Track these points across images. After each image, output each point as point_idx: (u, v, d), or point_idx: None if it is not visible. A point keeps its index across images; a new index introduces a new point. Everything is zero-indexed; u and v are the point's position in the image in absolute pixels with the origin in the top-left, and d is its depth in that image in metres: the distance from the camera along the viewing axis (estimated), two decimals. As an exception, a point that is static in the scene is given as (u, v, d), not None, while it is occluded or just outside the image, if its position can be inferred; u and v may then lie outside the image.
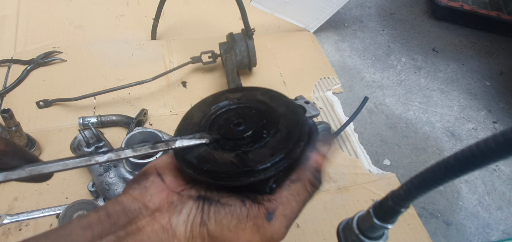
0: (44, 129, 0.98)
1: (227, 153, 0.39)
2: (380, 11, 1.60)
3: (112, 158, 0.35)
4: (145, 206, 0.37)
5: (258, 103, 0.46)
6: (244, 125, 0.42)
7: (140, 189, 0.38)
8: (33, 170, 0.34)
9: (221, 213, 0.36)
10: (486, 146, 0.27)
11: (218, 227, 0.35)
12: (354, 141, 1.06)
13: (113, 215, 0.36)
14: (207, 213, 0.36)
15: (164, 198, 0.37)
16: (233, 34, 1.09)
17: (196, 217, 0.36)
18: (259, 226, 0.35)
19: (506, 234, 0.91)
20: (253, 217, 0.35)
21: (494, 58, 1.42)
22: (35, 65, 1.12)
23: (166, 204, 0.37)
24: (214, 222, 0.36)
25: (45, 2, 1.36)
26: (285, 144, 0.39)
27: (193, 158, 0.39)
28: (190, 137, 0.39)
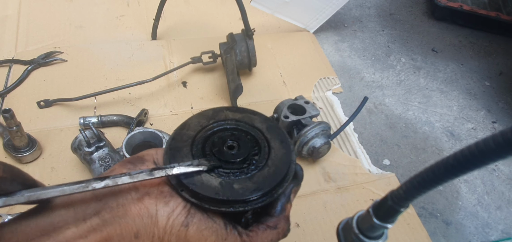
0: (45, 129, 0.98)
1: (213, 178, 0.40)
2: (379, 11, 1.60)
3: (109, 184, 0.36)
4: (136, 188, 0.37)
5: (254, 129, 0.46)
6: (236, 149, 0.43)
7: (136, 168, 0.39)
8: (31, 195, 0.34)
9: (204, 224, 0.38)
10: (485, 146, 0.27)
11: (197, 234, 0.37)
12: (354, 141, 1.07)
13: (100, 196, 0.36)
14: (192, 217, 0.38)
15: (155, 185, 0.38)
16: (233, 35, 1.10)
17: (180, 215, 0.37)
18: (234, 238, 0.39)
19: (505, 233, 0.92)
20: (232, 237, 0.39)
21: (493, 58, 1.43)
22: (36, 66, 1.12)
23: (156, 191, 0.38)
24: (195, 228, 0.37)
25: (46, 2, 1.36)
26: (270, 182, 0.40)
27: (181, 174, 0.39)
28: (188, 163, 0.40)
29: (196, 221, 0.38)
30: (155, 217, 0.36)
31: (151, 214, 0.36)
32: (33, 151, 0.89)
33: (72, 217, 0.34)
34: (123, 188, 0.37)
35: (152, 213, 0.36)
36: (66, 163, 0.91)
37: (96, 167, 0.82)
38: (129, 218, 0.35)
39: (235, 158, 0.42)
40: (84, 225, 0.34)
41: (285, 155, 0.44)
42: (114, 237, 0.34)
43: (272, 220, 0.42)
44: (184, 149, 0.42)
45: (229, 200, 0.38)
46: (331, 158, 1.00)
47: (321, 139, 0.91)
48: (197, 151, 0.43)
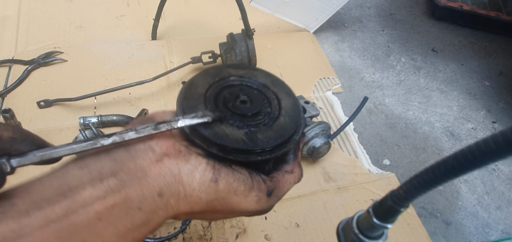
0: (45, 129, 0.98)
1: (236, 130, 0.40)
2: (379, 11, 1.60)
3: (116, 140, 0.35)
4: (152, 149, 0.36)
5: (260, 85, 0.47)
6: (249, 103, 0.44)
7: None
8: (44, 155, 0.35)
9: (232, 176, 0.38)
10: (485, 146, 0.27)
11: (227, 187, 0.38)
12: (354, 141, 1.07)
13: (114, 153, 0.35)
14: (218, 171, 0.38)
15: (171, 145, 0.37)
16: (233, 35, 1.10)
17: (206, 172, 0.37)
18: (260, 198, 0.40)
19: (505, 233, 0.92)
20: (257, 189, 0.40)
21: (493, 58, 1.43)
22: (36, 66, 1.12)
23: (174, 151, 0.37)
24: (225, 182, 0.38)
25: (46, 2, 1.36)
26: (289, 130, 0.42)
27: (204, 130, 0.39)
28: (193, 115, 0.39)
29: (224, 175, 0.38)
30: (179, 175, 0.36)
31: (174, 173, 0.36)
32: (33, 151, 0.89)
33: (87, 178, 0.33)
34: (139, 149, 0.36)
35: (174, 172, 0.36)
36: (66, 163, 0.91)
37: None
38: (149, 177, 0.34)
39: (250, 111, 0.42)
40: (101, 185, 0.33)
41: (294, 104, 0.46)
42: (134, 197, 0.34)
43: (289, 166, 0.44)
44: (199, 107, 0.41)
45: (256, 150, 0.39)
46: (331, 158, 1.00)
47: (321, 139, 0.91)
48: (211, 107, 0.42)
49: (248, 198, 0.39)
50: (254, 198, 0.40)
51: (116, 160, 0.35)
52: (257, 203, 0.40)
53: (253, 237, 0.83)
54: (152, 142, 0.37)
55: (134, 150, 0.36)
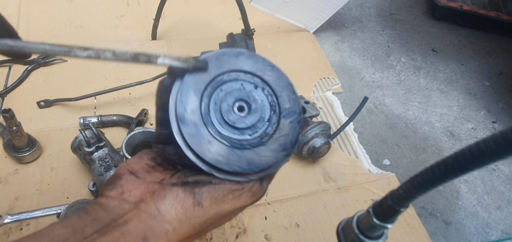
0: (45, 129, 0.98)
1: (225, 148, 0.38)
2: (379, 11, 1.60)
3: (91, 55, 0.35)
4: (126, 201, 0.36)
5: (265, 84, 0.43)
6: (247, 111, 0.40)
7: (116, 188, 0.38)
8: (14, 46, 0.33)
9: (215, 190, 0.37)
10: (485, 146, 0.27)
11: (214, 203, 0.37)
12: (354, 141, 1.07)
13: (93, 213, 0.36)
14: (199, 194, 0.37)
15: (144, 190, 0.37)
16: (233, 35, 1.10)
17: (186, 200, 0.36)
18: (254, 192, 0.39)
19: (505, 233, 0.92)
20: (248, 186, 0.39)
21: (493, 58, 1.43)
22: (36, 65, 1.12)
23: (148, 194, 0.37)
24: (209, 200, 0.37)
25: (46, 2, 1.36)
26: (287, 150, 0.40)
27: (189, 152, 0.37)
28: (174, 57, 0.38)
29: (206, 194, 0.37)
30: (160, 215, 0.36)
31: (153, 214, 0.36)
32: (33, 151, 0.89)
33: (71, 234, 0.34)
34: (114, 205, 0.36)
35: (153, 213, 0.36)
36: (66, 163, 0.91)
37: (96, 167, 0.82)
38: (130, 225, 0.35)
39: (246, 124, 0.39)
40: (83, 239, 0.33)
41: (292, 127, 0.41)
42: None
43: None
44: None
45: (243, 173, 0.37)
46: (331, 158, 1.00)
47: (321, 139, 0.91)
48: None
49: (242, 198, 0.39)
50: (248, 194, 0.39)
51: (96, 218, 0.35)
52: (253, 196, 0.40)
53: (253, 237, 0.83)
54: (124, 195, 0.37)
55: (110, 207, 0.36)
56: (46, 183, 0.87)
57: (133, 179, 0.39)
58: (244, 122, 0.39)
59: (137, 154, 0.42)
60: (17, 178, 0.87)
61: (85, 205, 0.79)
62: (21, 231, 0.78)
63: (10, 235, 0.78)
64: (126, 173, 0.39)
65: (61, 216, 0.78)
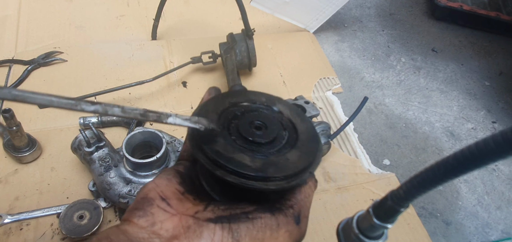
0: (45, 129, 0.98)
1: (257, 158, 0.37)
2: (379, 11, 1.60)
3: (98, 110, 0.32)
4: (157, 234, 0.33)
5: (276, 112, 0.46)
6: (264, 129, 0.41)
7: (146, 216, 0.34)
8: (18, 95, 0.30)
9: (254, 227, 0.35)
10: (485, 146, 0.27)
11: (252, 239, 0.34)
12: (354, 141, 1.07)
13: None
14: (237, 231, 0.34)
15: (177, 224, 0.34)
16: (233, 34, 1.10)
17: (224, 238, 0.33)
18: (291, 232, 0.36)
19: (505, 233, 0.92)
20: (284, 224, 0.36)
21: (493, 58, 1.43)
22: (36, 66, 1.12)
23: (182, 230, 0.34)
24: (248, 239, 0.34)
25: (46, 2, 1.36)
26: (309, 158, 0.40)
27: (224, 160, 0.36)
28: (185, 118, 0.36)
29: (244, 231, 0.34)
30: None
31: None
32: (33, 151, 0.89)
33: None
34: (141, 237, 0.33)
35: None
36: (66, 163, 0.91)
37: (96, 167, 0.82)
38: None
39: (264, 139, 0.40)
40: None
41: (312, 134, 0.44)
42: None
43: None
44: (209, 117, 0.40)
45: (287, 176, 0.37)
46: (331, 158, 1.00)
47: (321, 139, 0.91)
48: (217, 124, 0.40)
49: (279, 238, 0.36)
50: (285, 235, 0.36)
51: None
52: (290, 237, 0.37)
53: (253, 237, 0.83)
54: (155, 226, 0.34)
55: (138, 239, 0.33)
56: (46, 183, 0.87)
57: (165, 206, 0.35)
58: (263, 138, 0.40)
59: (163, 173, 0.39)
60: (17, 178, 0.87)
61: (85, 205, 0.79)
62: (21, 231, 0.78)
63: (10, 235, 0.78)
64: (157, 198, 0.36)
65: (61, 216, 0.78)
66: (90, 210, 0.79)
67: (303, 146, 0.41)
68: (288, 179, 0.37)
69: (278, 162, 0.38)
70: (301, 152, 0.40)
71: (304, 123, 0.44)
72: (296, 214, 0.37)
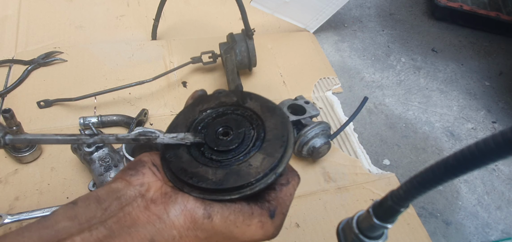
0: (45, 129, 0.98)
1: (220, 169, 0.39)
2: (379, 11, 1.60)
3: (96, 141, 0.38)
4: (141, 195, 0.36)
5: (247, 109, 0.45)
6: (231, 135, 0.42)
7: (138, 175, 0.38)
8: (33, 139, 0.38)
9: (227, 209, 0.37)
10: (485, 145, 0.27)
11: (224, 221, 0.37)
12: (354, 141, 1.07)
13: (103, 200, 0.35)
14: (210, 206, 0.37)
15: (158, 189, 0.38)
16: (233, 35, 1.10)
17: (196, 209, 0.36)
18: (264, 223, 0.38)
19: (505, 233, 0.92)
20: (258, 214, 0.38)
21: (493, 58, 1.43)
22: (36, 66, 1.12)
23: (160, 195, 0.37)
24: (220, 217, 0.36)
25: (46, 2, 1.36)
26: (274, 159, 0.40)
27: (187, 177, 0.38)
28: (173, 136, 0.40)
29: (217, 209, 0.37)
30: (169, 220, 0.35)
31: (163, 219, 0.35)
32: (33, 151, 0.89)
33: (76, 228, 0.33)
34: (130, 195, 0.36)
35: (163, 217, 0.35)
36: (66, 163, 0.91)
37: (96, 167, 0.82)
38: (139, 226, 0.34)
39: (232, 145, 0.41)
40: (89, 236, 0.33)
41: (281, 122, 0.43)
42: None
43: (282, 177, 0.42)
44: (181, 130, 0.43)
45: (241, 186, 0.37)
46: (331, 158, 1.00)
47: (321, 139, 0.91)
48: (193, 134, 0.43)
49: (251, 227, 0.38)
50: (258, 224, 0.38)
51: (106, 208, 0.35)
52: (262, 228, 0.38)
53: (253, 237, 0.83)
54: (143, 187, 0.37)
55: (124, 197, 0.36)
56: (46, 183, 0.87)
57: (155, 171, 0.39)
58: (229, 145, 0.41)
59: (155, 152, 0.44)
60: (17, 178, 0.87)
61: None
62: (21, 231, 0.78)
63: (10, 235, 0.78)
64: (149, 162, 0.40)
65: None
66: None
67: (269, 146, 0.41)
68: (250, 187, 0.38)
69: (240, 170, 0.38)
70: (266, 153, 0.40)
71: (273, 118, 0.43)
72: (272, 209, 0.39)
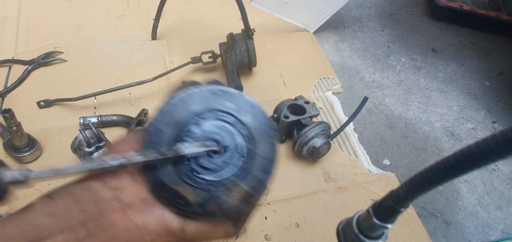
0: (45, 129, 0.98)
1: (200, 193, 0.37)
2: (379, 11, 1.60)
3: (124, 163, 0.35)
4: (118, 198, 0.35)
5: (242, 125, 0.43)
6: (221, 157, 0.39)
7: (116, 178, 0.36)
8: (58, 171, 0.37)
9: (201, 224, 0.38)
10: (485, 145, 0.27)
11: (195, 233, 0.38)
12: (354, 141, 1.07)
13: (81, 202, 0.35)
14: (185, 222, 0.37)
15: (135, 193, 0.36)
16: (233, 35, 1.10)
17: (173, 221, 0.37)
18: (227, 230, 0.41)
19: (505, 233, 0.92)
20: (223, 225, 0.40)
21: (493, 58, 1.43)
22: (36, 66, 1.12)
23: (138, 200, 0.36)
24: (193, 229, 0.38)
25: (46, 2, 1.36)
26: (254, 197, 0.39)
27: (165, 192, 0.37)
28: (198, 144, 0.37)
29: (193, 224, 0.38)
30: (144, 227, 0.35)
31: (138, 226, 0.35)
32: (33, 151, 0.89)
33: (56, 227, 0.33)
34: (106, 198, 0.35)
35: (139, 224, 0.35)
36: (66, 163, 0.91)
37: (96, 167, 0.82)
38: (116, 230, 0.34)
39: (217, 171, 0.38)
40: (69, 237, 0.33)
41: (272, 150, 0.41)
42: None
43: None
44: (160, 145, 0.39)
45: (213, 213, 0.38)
46: (331, 158, 1.00)
47: (321, 139, 0.91)
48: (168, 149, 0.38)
49: (216, 233, 0.40)
50: (222, 231, 0.40)
51: (84, 209, 0.34)
52: (225, 234, 0.41)
53: (253, 237, 0.83)
54: (117, 191, 0.36)
55: (101, 200, 0.35)
56: (46, 183, 0.87)
57: (133, 171, 0.37)
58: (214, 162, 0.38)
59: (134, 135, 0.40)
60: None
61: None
62: (21, 231, 0.78)
63: (10, 235, 0.78)
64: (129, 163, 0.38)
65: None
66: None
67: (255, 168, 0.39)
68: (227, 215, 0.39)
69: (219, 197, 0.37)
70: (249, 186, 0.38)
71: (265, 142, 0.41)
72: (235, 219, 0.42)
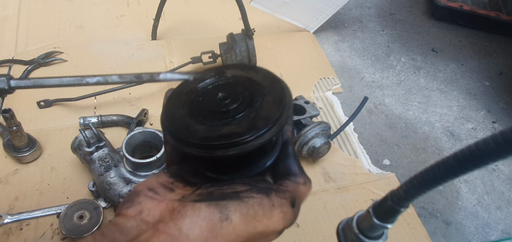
0: (45, 129, 0.98)
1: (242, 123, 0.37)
2: (379, 11, 1.60)
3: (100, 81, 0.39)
4: (144, 221, 0.34)
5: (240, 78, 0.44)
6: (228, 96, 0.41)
7: (134, 206, 0.35)
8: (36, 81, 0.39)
9: (245, 205, 0.34)
10: (485, 145, 0.27)
11: (245, 219, 0.34)
12: (354, 141, 1.07)
13: (109, 235, 0.33)
14: (226, 207, 0.34)
15: (164, 209, 0.35)
16: (233, 34, 1.10)
17: (211, 214, 0.33)
18: (285, 213, 0.36)
19: (505, 233, 0.92)
20: (279, 205, 0.36)
21: (493, 58, 1.43)
22: (36, 66, 1.12)
23: (168, 213, 0.34)
24: (239, 215, 0.34)
25: (46, 2, 1.36)
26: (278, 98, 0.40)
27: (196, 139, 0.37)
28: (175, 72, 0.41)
29: (234, 208, 0.34)
30: (181, 234, 0.33)
31: (174, 235, 0.33)
32: (33, 151, 0.89)
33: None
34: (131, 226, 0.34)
35: (174, 234, 0.33)
36: (66, 163, 0.91)
37: (96, 167, 0.82)
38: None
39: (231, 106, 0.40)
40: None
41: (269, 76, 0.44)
42: None
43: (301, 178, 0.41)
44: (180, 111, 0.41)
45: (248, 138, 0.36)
46: (331, 158, 1.00)
47: (321, 139, 0.91)
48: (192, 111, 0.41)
49: (274, 218, 0.36)
50: (280, 215, 0.36)
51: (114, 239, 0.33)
52: (284, 219, 0.36)
53: (253, 237, 0.83)
54: (142, 214, 0.35)
55: (127, 228, 0.33)
56: (46, 183, 0.87)
57: (152, 195, 0.36)
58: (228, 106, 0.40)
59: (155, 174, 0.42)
60: (17, 178, 0.87)
61: (85, 205, 0.79)
62: (21, 231, 0.78)
63: (10, 235, 0.78)
64: (144, 189, 0.37)
65: (61, 216, 0.78)
66: (90, 210, 0.79)
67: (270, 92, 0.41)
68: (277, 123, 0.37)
69: (258, 115, 0.38)
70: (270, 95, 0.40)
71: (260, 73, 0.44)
72: (292, 198, 0.38)
